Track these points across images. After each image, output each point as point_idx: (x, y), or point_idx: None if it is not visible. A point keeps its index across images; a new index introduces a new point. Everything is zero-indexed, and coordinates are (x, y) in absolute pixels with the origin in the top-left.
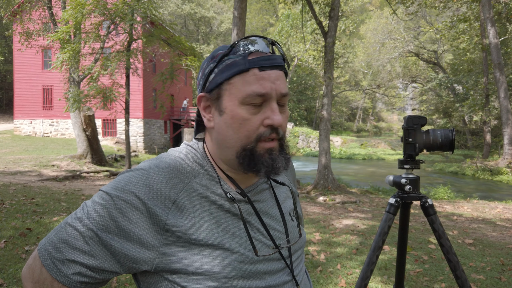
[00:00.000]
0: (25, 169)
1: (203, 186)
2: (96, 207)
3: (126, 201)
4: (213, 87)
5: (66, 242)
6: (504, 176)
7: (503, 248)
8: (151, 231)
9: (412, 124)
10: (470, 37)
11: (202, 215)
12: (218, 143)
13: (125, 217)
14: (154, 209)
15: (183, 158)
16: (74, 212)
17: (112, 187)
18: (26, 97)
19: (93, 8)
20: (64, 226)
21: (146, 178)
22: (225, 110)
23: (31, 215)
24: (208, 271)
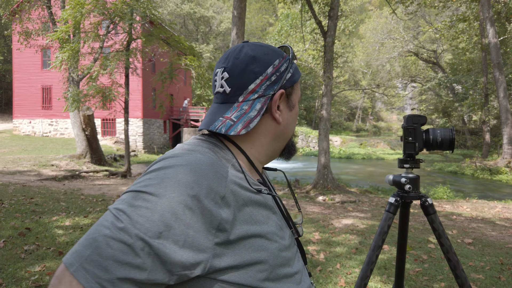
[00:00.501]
0: (24, 168)
1: (236, 178)
2: (142, 212)
3: (178, 201)
4: (289, 85)
5: (114, 259)
6: (503, 176)
7: (503, 247)
8: (203, 231)
9: (412, 123)
10: (470, 36)
11: (243, 208)
12: (278, 136)
13: (178, 219)
14: (207, 208)
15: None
16: (106, 222)
17: (158, 187)
18: (25, 96)
19: (92, 7)
20: (103, 240)
21: (193, 174)
22: (294, 106)
23: (30, 215)
24: (256, 261)
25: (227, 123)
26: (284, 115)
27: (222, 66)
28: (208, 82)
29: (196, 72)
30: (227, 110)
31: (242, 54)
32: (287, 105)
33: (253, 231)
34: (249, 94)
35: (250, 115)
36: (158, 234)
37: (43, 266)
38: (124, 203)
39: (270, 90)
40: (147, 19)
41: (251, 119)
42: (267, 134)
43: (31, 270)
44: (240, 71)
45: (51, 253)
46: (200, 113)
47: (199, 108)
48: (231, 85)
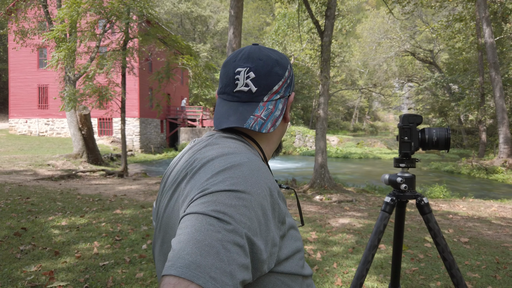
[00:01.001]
0: (20, 168)
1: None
2: (242, 211)
3: (263, 197)
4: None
5: (235, 262)
6: (499, 175)
7: (498, 246)
8: (275, 226)
9: (407, 123)
10: (466, 36)
11: (282, 200)
12: (281, 134)
13: (265, 215)
14: (277, 202)
15: (247, 149)
16: (211, 226)
17: (245, 184)
18: (21, 96)
19: (89, 6)
20: (219, 245)
21: (260, 171)
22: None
23: (26, 215)
24: (296, 250)
25: (259, 121)
26: (287, 114)
27: (246, 66)
28: (205, 82)
29: (193, 71)
30: (254, 109)
31: (264, 56)
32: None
33: (291, 222)
34: (273, 94)
35: (275, 114)
36: (256, 231)
37: (39, 266)
38: (220, 204)
39: (287, 92)
40: (144, 18)
41: (277, 118)
42: (278, 133)
43: (27, 270)
44: (266, 72)
45: (47, 253)
46: (197, 113)
47: (196, 108)
48: (257, 84)
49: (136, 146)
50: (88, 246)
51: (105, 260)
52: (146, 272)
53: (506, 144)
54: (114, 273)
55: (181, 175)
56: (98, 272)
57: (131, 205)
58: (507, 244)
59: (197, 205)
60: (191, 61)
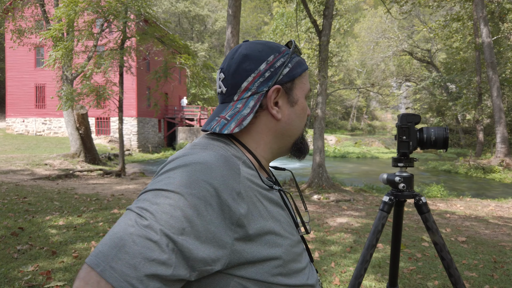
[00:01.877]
0: (18, 168)
1: (248, 175)
2: (166, 209)
3: (199, 198)
4: (287, 80)
5: (141, 256)
6: (496, 174)
7: (496, 245)
8: (223, 227)
9: (406, 122)
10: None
11: (257, 204)
12: (281, 134)
13: (200, 215)
14: (226, 203)
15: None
16: (129, 220)
17: (178, 184)
18: (18, 95)
19: (86, 5)
20: (128, 238)
21: (210, 171)
22: (297, 101)
23: (23, 214)
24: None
25: (221, 122)
26: (284, 112)
27: (220, 68)
28: (203, 81)
29: (191, 71)
30: (223, 109)
31: (237, 54)
32: (288, 101)
33: (268, 227)
34: (242, 92)
35: (243, 113)
36: (181, 230)
37: (36, 266)
38: (146, 202)
39: (264, 87)
40: (142, 18)
41: (244, 117)
42: (268, 132)
43: (24, 270)
44: (233, 70)
45: (44, 253)
46: (195, 112)
47: (194, 107)
48: (226, 84)
49: (133, 146)
50: (85, 246)
51: None
52: None
53: (503, 143)
54: None
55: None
56: None
57: (128, 204)
58: (504, 243)
59: (134, 202)
60: (189, 60)
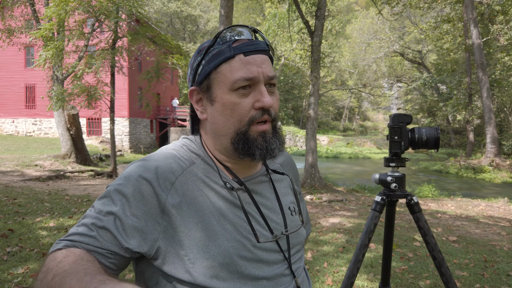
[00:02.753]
0: (7, 169)
1: (202, 173)
2: (102, 201)
3: (128, 189)
4: (202, 79)
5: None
6: (486, 174)
7: (486, 245)
8: (153, 214)
9: (398, 122)
10: (454, 37)
11: (200, 199)
12: (213, 133)
13: (127, 205)
14: (155, 191)
15: (178, 149)
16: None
17: (115, 181)
18: (8, 95)
19: (77, 5)
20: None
21: (144, 165)
22: (215, 98)
23: (13, 216)
24: (203, 255)
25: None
26: (208, 111)
27: None
28: None
29: (183, 71)
30: None
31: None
32: (208, 99)
33: (207, 224)
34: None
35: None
36: (108, 213)
37: (26, 268)
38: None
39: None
40: (133, 17)
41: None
42: (207, 133)
43: (14, 272)
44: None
45: (35, 255)
46: (187, 113)
47: (186, 108)
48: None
49: (125, 146)
50: None
51: None
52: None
53: (493, 143)
54: None
55: None
56: None
57: None
58: (495, 242)
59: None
60: (181, 60)
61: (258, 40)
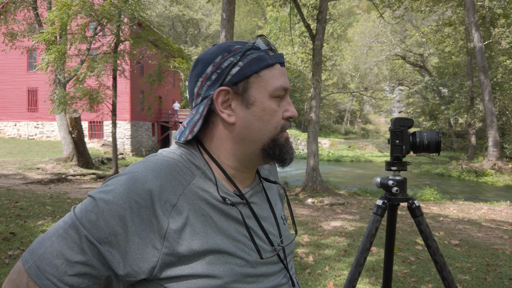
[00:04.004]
0: (9, 172)
1: (202, 189)
2: (91, 217)
3: (124, 209)
4: (237, 80)
5: (64, 257)
6: (488, 178)
7: (488, 248)
8: (151, 240)
9: (399, 126)
10: (455, 40)
11: (202, 219)
12: (240, 138)
13: (124, 226)
14: (155, 215)
15: (179, 159)
16: (62, 222)
17: (106, 193)
18: (10, 99)
19: (80, 9)
20: (56, 240)
21: (143, 182)
22: (254, 103)
23: (15, 219)
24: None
25: (180, 129)
26: (238, 114)
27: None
28: None
29: (185, 74)
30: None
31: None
32: (242, 102)
33: (211, 244)
34: (196, 98)
35: (194, 119)
36: (103, 239)
37: None
38: (80, 205)
39: (211, 90)
40: (135, 21)
41: (195, 123)
42: (226, 138)
43: None
44: (189, 77)
45: None
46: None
47: (188, 111)
48: (187, 92)
49: (127, 150)
50: None
51: None
52: None
53: (495, 147)
54: None
55: None
56: None
57: None
58: (497, 246)
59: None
60: (182, 64)
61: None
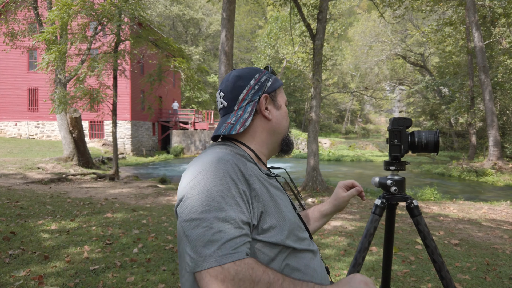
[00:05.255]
0: (10, 171)
1: (251, 166)
2: (195, 201)
3: (224, 185)
4: (271, 90)
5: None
6: (489, 177)
7: (488, 248)
8: (243, 206)
9: (397, 126)
10: (456, 40)
11: (261, 185)
12: (273, 131)
13: (225, 196)
14: (241, 188)
15: (229, 152)
16: (192, 214)
17: (217, 171)
18: (11, 98)
19: (80, 8)
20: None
21: (218, 166)
22: (281, 106)
23: (15, 219)
24: (278, 225)
25: (229, 126)
26: (273, 114)
27: (219, 89)
28: (197, 84)
29: (185, 74)
30: (227, 118)
31: (231, 76)
32: (274, 106)
33: (273, 203)
34: (241, 102)
35: (244, 117)
36: (221, 207)
37: (28, 271)
38: (194, 191)
39: (256, 96)
40: (136, 21)
41: (245, 119)
42: (263, 130)
43: (16, 275)
44: (231, 88)
45: (37, 258)
46: (189, 115)
47: (188, 110)
48: (227, 99)
49: (127, 149)
50: (78, 250)
51: (96, 264)
52: (137, 276)
53: (496, 146)
54: (104, 278)
55: None
56: (88, 276)
57: (122, 208)
58: (497, 246)
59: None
60: (183, 63)
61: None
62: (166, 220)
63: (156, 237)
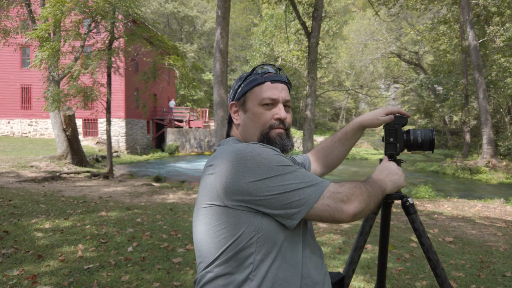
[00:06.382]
0: (2, 170)
1: None
2: (274, 157)
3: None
4: (240, 96)
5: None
6: (483, 175)
7: (482, 245)
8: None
9: (393, 124)
10: (450, 38)
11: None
12: (244, 134)
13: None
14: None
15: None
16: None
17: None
18: (3, 96)
19: (73, 5)
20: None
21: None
22: (248, 110)
23: (9, 218)
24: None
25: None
26: (241, 118)
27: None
28: (192, 82)
29: (180, 72)
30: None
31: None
32: (243, 110)
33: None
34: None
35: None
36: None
37: (21, 270)
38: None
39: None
40: (130, 18)
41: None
42: (241, 134)
43: (9, 274)
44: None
45: (30, 257)
46: (184, 113)
47: (183, 108)
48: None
49: (122, 147)
50: (72, 249)
51: (90, 263)
52: (131, 275)
53: (490, 144)
54: (99, 276)
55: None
56: (83, 275)
57: (116, 207)
58: (491, 243)
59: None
60: (177, 61)
61: (282, 74)
62: (161, 218)
63: (151, 235)
